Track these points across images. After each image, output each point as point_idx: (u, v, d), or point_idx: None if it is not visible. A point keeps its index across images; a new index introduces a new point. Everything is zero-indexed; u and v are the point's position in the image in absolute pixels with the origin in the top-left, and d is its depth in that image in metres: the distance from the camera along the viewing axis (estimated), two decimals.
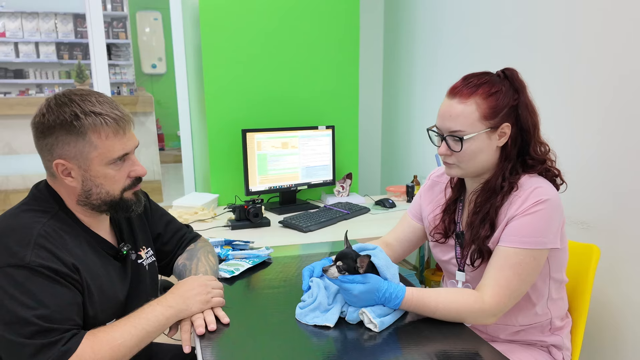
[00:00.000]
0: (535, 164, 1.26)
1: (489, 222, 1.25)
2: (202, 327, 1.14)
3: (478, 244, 1.26)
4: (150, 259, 1.35)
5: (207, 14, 2.40)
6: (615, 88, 1.66)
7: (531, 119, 1.24)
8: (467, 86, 1.22)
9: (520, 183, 1.23)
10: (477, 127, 1.21)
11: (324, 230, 2.13)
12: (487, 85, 1.22)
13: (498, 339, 1.37)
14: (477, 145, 1.22)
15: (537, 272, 1.22)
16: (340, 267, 1.16)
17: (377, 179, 3.60)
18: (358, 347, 1.09)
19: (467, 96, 1.21)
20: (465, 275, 1.35)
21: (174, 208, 2.33)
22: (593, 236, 1.75)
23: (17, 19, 5.82)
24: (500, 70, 1.27)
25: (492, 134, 1.22)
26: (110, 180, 1.13)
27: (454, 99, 1.23)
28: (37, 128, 1.09)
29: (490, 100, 1.20)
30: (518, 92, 1.24)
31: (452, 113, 1.22)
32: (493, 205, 1.24)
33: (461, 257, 1.34)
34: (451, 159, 1.26)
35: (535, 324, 1.34)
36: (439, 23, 2.72)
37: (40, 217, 1.08)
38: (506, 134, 1.23)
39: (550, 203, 1.18)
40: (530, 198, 1.19)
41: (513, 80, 1.25)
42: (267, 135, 2.43)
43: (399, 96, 3.22)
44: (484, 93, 1.21)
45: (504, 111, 1.21)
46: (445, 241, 1.40)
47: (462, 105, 1.21)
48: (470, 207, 1.33)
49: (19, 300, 0.97)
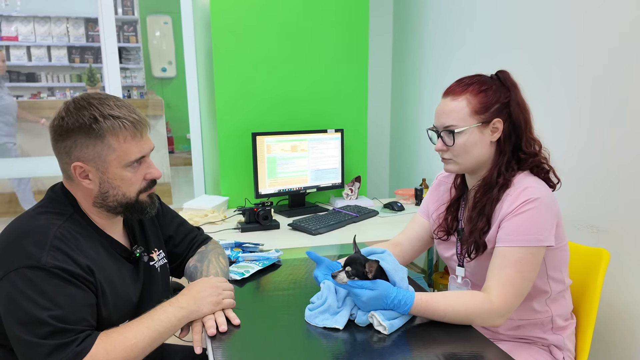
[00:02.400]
0: (527, 158, 1.31)
1: (486, 216, 1.29)
2: (213, 328, 1.15)
3: (475, 237, 1.30)
4: (162, 261, 1.37)
5: (218, 18, 2.42)
6: (628, 91, 1.66)
7: (523, 116, 1.30)
8: (459, 85, 1.31)
9: (513, 182, 1.28)
10: (468, 122, 1.28)
11: (333, 233, 2.14)
12: (478, 83, 1.30)
13: (499, 335, 1.39)
14: (470, 139, 1.28)
15: (537, 269, 1.25)
16: (349, 272, 1.17)
17: (386, 182, 3.60)
18: (367, 349, 1.09)
19: (459, 94, 1.29)
20: (464, 270, 1.39)
21: (185, 210, 2.35)
22: (603, 240, 1.75)
23: (30, 23, 5.90)
24: (494, 73, 1.35)
25: (484, 129, 1.28)
26: (127, 182, 1.15)
27: (447, 97, 1.31)
28: (56, 131, 1.11)
29: (481, 96, 1.28)
30: (509, 90, 1.30)
31: (445, 109, 1.30)
32: (489, 199, 1.29)
33: (460, 253, 1.39)
34: (447, 154, 1.33)
35: (535, 319, 1.36)
36: (448, 26, 2.72)
37: (56, 220, 1.10)
38: (498, 129, 1.29)
39: (540, 202, 1.22)
40: (519, 197, 1.23)
41: (505, 80, 1.32)
42: (277, 138, 2.45)
43: (408, 99, 3.22)
44: (474, 90, 1.28)
45: (495, 107, 1.28)
46: (448, 238, 1.45)
47: (454, 102, 1.29)
48: (470, 203, 1.38)
49: (34, 300, 0.99)
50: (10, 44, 5.88)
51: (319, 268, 1.33)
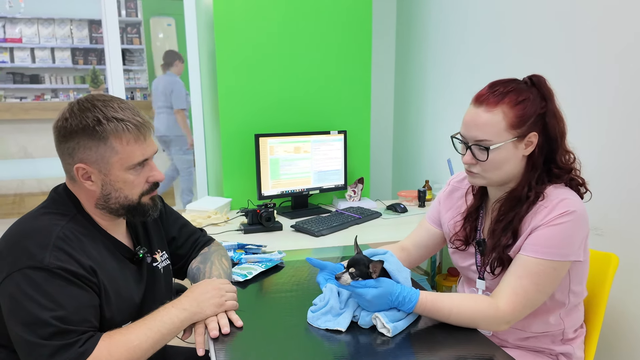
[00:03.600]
0: (562, 173, 1.23)
1: (512, 230, 1.23)
2: (216, 330, 1.15)
3: (499, 252, 1.24)
4: (165, 262, 1.37)
5: (221, 20, 2.42)
6: (634, 92, 1.65)
7: (559, 127, 1.21)
8: (493, 94, 1.19)
9: (546, 193, 1.21)
10: (503, 137, 1.18)
11: (336, 235, 2.14)
12: (514, 93, 1.18)
13: (507, 343, 1.36)
14: (503, 155, 1.19)
15: (556, 284, 1.20)
16: (352, 273, 1.16)
17: (389, 183, 3.60)
18: (371, 352, 1.09)
19: (494, 105, 1.18)
20: (485, 283, 1.33)
21: (187, 212, 2.35)
22: (608, 243, 1.74)
23: (34, 25, 5.93)
24: (527, 77, 1.24)
25: (518, 143, 1.19)
26: (129, 185, 1.15)
27: (480, 107, 1.19)
28: (60, 132, 1.11)
29: (518, 108, 1.17)
30: (546, 99, 1.21)
31: (478, 122, 1.19)
32: (518, 215, 1.22)
33: (482, 265, 1.33)
34: (476, 168, 1.24)
35: (547, 332, 1.32)
36: (451, 28, 2.72)
37: (59, 220, 1.10)
38: (533, 143, 1.20)
39: (576, 215, 1.16)
40: (557, 209, 1.17)
41: (541, 87, 1.21)
42: (280, 139, 2.44)
43: (411, 101, 3.22)
44: (511, 101, 1.17)
45: (531, 120, 1.18)
46: (466, 248, 1.39)
47: (488, 114, 1.18)
48: (493, 215, 1.30)
49: (37, 301, 0.99)
50: (14, 46, 5.91)
51: (322, 273, 1.32)
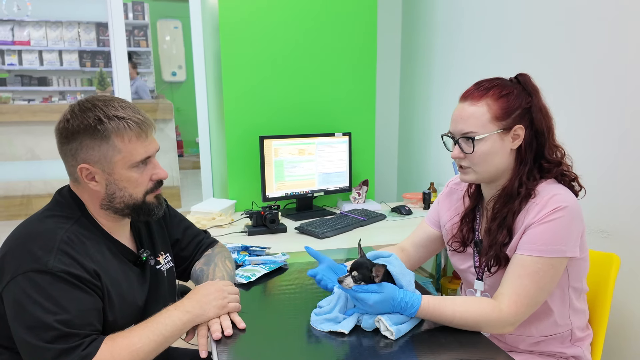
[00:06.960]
0: (551, 167, 1.25)
1: (507, 228, 1.23)
2: (218, 332, 1.15)
3: (495, 250, 1.25)
4: (169, 264, 1.37)
5: (227, 23, 2.43)
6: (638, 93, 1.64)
7: (545, 122, 1.24)
8: (478, 89, 1.24)
9: (537, 190, 1.22)
10: (488, 128, 1.21)
11: (340, 237, 2.13)
12: (499, 87, 1.23)
13: (517, 350, 1.35)
14: (490, 147, 1.22)
15: (556, 281, 1.20)
16: (355, 277, 1.15)
17: (394, 185, 3.59)
18: (374, 354, 1.08)
19: (479, 98, 1.22)
20: (483, 284, 1.33)
21: (192, 214, 2.36)
22: (612, 245, 1.72)
23: (42, 28, 5.98)
24: (513, 76, 1.28)
25: (504, 136, 1.22)
26: (133, 183, 1.15)
27: (465, 102, 1.24)
28: (61, 133, 1.12)
29: (502, 101, 1.21)
30: (531, 95, 1.24)
31: (463, 115, 1.23)
32: (510, 211, 1.23)
33: (479, 266, 1.33)
34: (465, 161, 1.26)
35: (556, 334, 1.31)
36: (457, 30, 2.71)
37: (63, 223, 1.10)
38: (520, 136, 1.23)
39: (569, 210, 1.17)
40: (548, 205, 1.17)
41: (525, 84, 1.25)
42: (284, 142, 2.45)
43: (416, 103, 3.21)
44: (495, 94, 1.22)
45: (516, 113, 1.21)
46: (464, 250, 1.39)
47: (473, 107, 1.22)
48: (488, 214, 1.31)
49: (41, 304, 0.99)
50: (23, 49, 5.96)
51: (320, 267, 1.32)
